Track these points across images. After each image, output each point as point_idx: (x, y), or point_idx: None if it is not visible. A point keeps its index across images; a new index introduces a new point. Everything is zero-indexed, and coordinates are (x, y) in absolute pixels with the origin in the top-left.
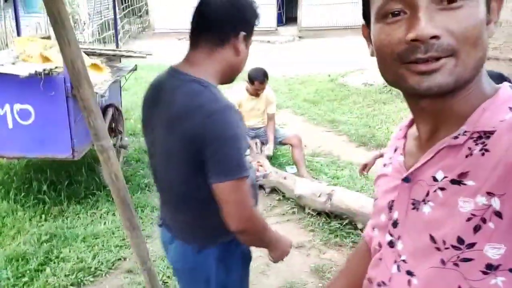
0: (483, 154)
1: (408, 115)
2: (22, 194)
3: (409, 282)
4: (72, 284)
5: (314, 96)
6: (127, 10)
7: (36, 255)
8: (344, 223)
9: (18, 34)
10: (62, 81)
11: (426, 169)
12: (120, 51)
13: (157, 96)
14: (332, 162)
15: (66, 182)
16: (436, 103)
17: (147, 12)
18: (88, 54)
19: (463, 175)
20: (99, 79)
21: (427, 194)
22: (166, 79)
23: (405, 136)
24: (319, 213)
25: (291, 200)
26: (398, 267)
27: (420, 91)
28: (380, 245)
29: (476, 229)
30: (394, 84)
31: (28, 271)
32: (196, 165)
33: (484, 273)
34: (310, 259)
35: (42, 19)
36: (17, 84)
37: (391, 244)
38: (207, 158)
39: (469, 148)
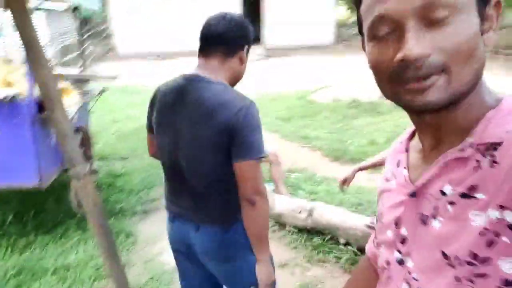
0: (492, 166)
1: (379, 129)
2: None
3: None
4: None
5: (285, 113)
6: (89, 33)
7: None
8: (326, 238)
9: None
10: (28, 106)
11: (433, 183)
12: (86, 74)
13: (181, 97)
14: (309, 177)
15: (33, 212)
16: (436, 117)
17: (110, 35)
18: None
19: (472, 188)
20: (68, 103)
21: (436, 209)
22: (187, 83)
23: (407, 149)
24: (300, 230)
25: (272, 218)
26: (409, 285)
27: (415, 108)
28: (388, 263)
29: (490, 243)
30: (391, 100)
31: None
32: (225, 151)
33: None
34: (295, 277)
35: None
36: None
37: (401, 261)
38: (236, 143)
39: (477, 161)
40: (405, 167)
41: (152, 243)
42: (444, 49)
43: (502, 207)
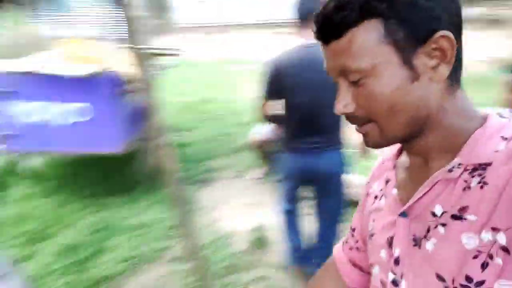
0: (482, 187)
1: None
2: (76, 186)
3: None
4: (120, 273)
5: None
6: (151, 6)
7: (87, 245)
8: None
9: (60, 36)
10: (111, 81)
11: (423, 203)
12: (155, 48)
13: (312, 60)
14: None
15: (115, 175)
16: (412, 145)
17: (171, 8)
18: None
19: (463, 209)
20: (138, 77)
21: (428, 230)
22: (312, 51)
23: (395, 166)
24: None
25: None
26: None
27: (369, 146)
28: (383, 284)
29: (484, 266)
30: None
31: (82, 259)
32: None
33: None
34: None
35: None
36: (72, 84)
37: (395, 283)
38: None
39: (465, 181)
40: (394, 186)
41: (210, 210)
42: (363, 106)
43: (494, 229)
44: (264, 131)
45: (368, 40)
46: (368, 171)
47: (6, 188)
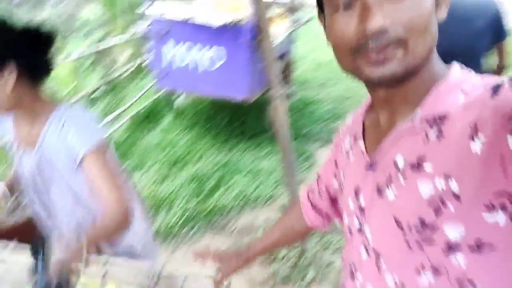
0: (439, 139)
1: None
2: (207, 125)
3: (377, 263)
4: (233, 209)
5: None
6: None
7: (212, 178)
8: None
9: None
10: (248, 30)
11: (387, 155)
12: (295, 2)
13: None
14: None
15: (240, 121)
16: (390, 92)
17: None
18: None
19: (421, 158)
20: (277, 30)
21: (389, 179)
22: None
23: (363, 122)
24: None
25: None
26: (367, 251)
27: (374, 80)
28: (350, 231)
29: (437, 211)
30: (350, 73)
31: (205, 190)
32: None
33: (445, 252)
34: None
35: None
36: (212, 31)
37: (360, 229)
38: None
39: (425, 132)
40: (361, 139)
41: None
42: (402, 23)
43: (447, 176)
44: None
45: None
46: None
47: (156, 119)
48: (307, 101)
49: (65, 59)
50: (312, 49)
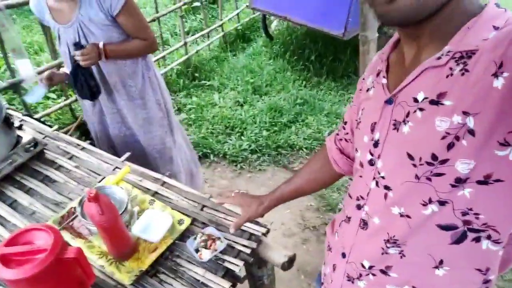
0: (462, 74)
1: None
2: (295, 57)
3: (385, 195)
4: (306, 148)
5: None
6: None
7: (289, 112)
8: None
9: None
10: None
11: (408, 91)
12: None
13: None
14: None
15: (330, 58)
16: (418, 28)
17: None
18: None
19: (441, 95)
20: None
21: (407, 115)
22: None
23: (388, 59)
24: None
25: None
26: (377, 183)
27: (385, 19)
28: (361, 164)
29: (450, 146)
30: (377, 19)
31: (279, 123)
32: None
33: (453, 186)
34: None
35: None
36: None
37: (371, 162)
38: None
39: (450, 68)
40: (384, 76)
41: None
42: None
43: (465, 113)
44: None
45: None
46: None
47: (247, 41)
48: None
49: None
50: None
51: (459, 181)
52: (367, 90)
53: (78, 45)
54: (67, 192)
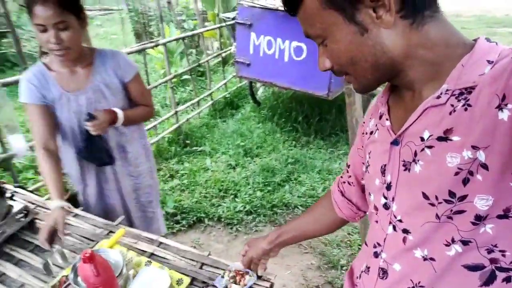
0: (466, 109)
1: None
2: (283, 119)
3: (404, 239)
4: (301, 205)
5: None
6: None
7: (281, 172)
8: None
9: None
10: None
11: (413, 130)
12: None
13: None
14: None
15: (317, 118)
16: (394, 82)
17: None
18: None
19: (448, 131)
20: None
21: (416, 154)
22: None
23: (388, 101)
24: None
25: None
26: (394, 227)
27: (357, 92)
28: (376, 208)
29: (465, 181)
30: None
31: (273, 183)
32: None
33: (474, 223)
34: None
35: None
36: (297, 24)
37: (386, 206)
38: None
39: (452, 105)
40: (387, 119)
41: None
42: (336, 62)
43: (474, 147)
44: None
45: (313, 9)
46: None
47: (235, 107)
48: None
49: (159, 44)
50: None
51: (479, 219)
52: (371, 133)
53: (90, 116)
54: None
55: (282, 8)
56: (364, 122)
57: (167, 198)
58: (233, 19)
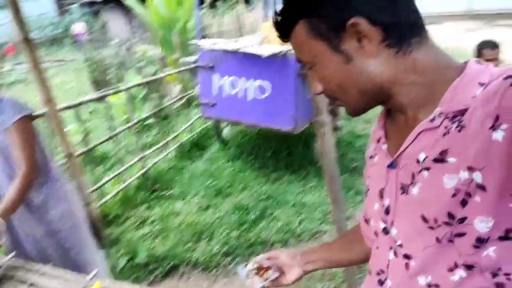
0: (459, 131)
1: None
2: (251, 156)
3: (406, 265)
4: (278, 242)
5: None
6: None
7: (255, 209)
8: None
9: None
10: (293, 62)
11: (409, 153)
12: None
13: None
14: None
15: (285, 153)
16: (386, 106)
17: None
18: None
19: (444, 152)
20: None
21: (413, 176)
22: None
23: (384, 125)
24: None
25: None
26: (395, 252)
27: (350, 115)
28: (376, 234)
29: (464, 203)
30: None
31: (247, 221)
32: None
33: (476, 246)
34: None
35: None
36: (260, 63)
37: (386, 231)
38: None
39: (446, 127)
40: (384, 142)
41: None
42: (326, 87)
43: (470, 168)
44: None
45: (301, 37)
46: None
47: (202, 148)
48: (356, 135)
49: (121, 90)
50: None
51: (481, 241)
52: (371, 157)
53: None
54: None
55: (244, 50)
56: (368, 148)
57: (139, 247)
58: (194, 62)
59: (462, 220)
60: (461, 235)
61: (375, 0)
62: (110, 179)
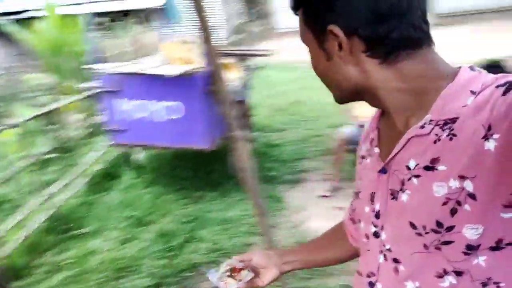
0: (451, 139)
1: None
2: (170, 179)
3: (395, 269)
4: (208, 262)
5: None
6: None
7: (180, 233)
8: None
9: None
10: (201, 80)
11: (400, 159)
12: (246, 51)
13: None
14: None
15: (204, 171)
16: (376, 104)
17: (271, 14)
18: (220, 55)
19: (435, 160)
20: (231, 77)
21: (403, 183)
22: None
23: (377, 127)
24: None
25: None
26: (385, 256)
27: (337, 101)
28: (367, 237)
29: (453, 212)
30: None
31: (173, 247)
32: None
33: (466, 253)
34: None
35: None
36: (166, 83)
37: (376, 234)
38: None
39: (436, 135)
40: (376, 146)
41: (299, 210)
42: (316, 72)
43: (461, 177)
44: (350, 131)
45: (301, 22)
46: None
47: (115, 178)
48: (270, 144)
49: (11, 126)
50: (268, 96)
51: (471, 248)
52: (363, 157)
53: None
54: None
55: (150, 72)
56: (360, 147)
57: None
58: (96, 88)
59: (450, 228)
60: (448, 243)
61: (360, 14)
62: (11, 227)
